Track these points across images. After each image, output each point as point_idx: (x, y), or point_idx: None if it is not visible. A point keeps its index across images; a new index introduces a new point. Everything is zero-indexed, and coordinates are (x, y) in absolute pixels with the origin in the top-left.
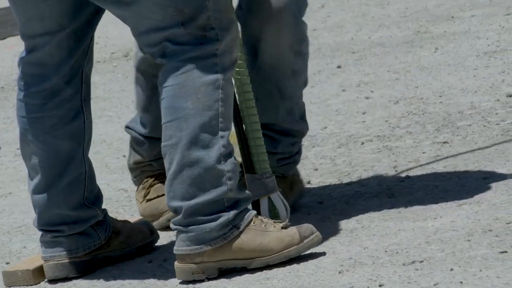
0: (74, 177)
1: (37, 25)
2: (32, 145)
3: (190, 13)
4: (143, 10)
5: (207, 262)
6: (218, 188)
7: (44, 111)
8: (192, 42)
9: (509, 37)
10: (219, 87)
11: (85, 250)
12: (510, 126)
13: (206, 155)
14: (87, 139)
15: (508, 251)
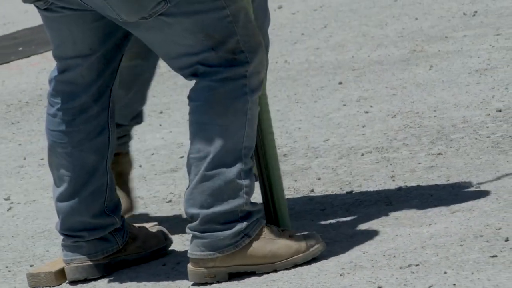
0: (96, 187)
1: (70, 48)
2: (60, 157)
3: (220, 38)
4: (175, 36)
5: (219, 267)
6: (235, 200)
7: (72, 127)
8: (223, 65)
9: (499, 56)
10: (247, 107)
11: (103, 254)
12: (500, 139)
13: (228, 169)
14: (110, 152)
15: (498, 255)
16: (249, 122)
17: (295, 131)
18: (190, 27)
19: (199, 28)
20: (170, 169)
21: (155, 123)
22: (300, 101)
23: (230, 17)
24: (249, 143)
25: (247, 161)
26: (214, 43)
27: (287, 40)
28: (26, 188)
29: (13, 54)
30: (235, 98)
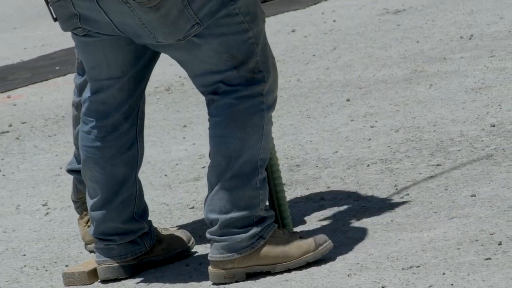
0: (126, 196)
1: (104, 71)
2: (93, 170)
3: (242, 58)
4: (203, 55)
5: (237, 268)
6: (251, 207)
7: (105, 143)
8: (242, 83)
9: (492, 75)
10: (264, 122)
11: (132, 255)
12: (493, 151)
13: (245, 178)
14: (139, 164)
15: (492, 258)
16: (265, 136)
17: (307, 143)
18: (217, 47)
19: (224, 49)
20: (193, 178)
21: (179, 136)
22: (312, 116)
23: (252, 39)
24: (265, 155)
25: (262, 171)
26: (237, 63)
27: (300, 60)
28: (62, 195)
29: (50, 73)
30: (253, 114)
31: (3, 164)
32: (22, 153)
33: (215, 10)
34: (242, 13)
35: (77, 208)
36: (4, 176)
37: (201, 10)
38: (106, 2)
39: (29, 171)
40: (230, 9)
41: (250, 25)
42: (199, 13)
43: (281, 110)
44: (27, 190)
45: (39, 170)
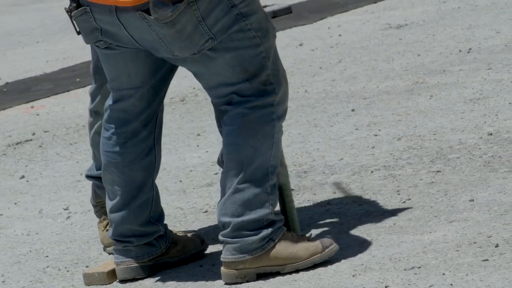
0: (144, 200)
1: (124, 81)
2: (113, 174)
3: (254, 71)
4: (217, 68)
5: (248, 269)
6: (262, 210)
7: (124, 148)
8: (255, 94)
9: (490, 87)
10: (275, 131)
11: (149, 257)
12: (491, 158)
13: (257, 184)
14: (156, 170)
15: (489, 259)
16: (275, 144)
17: (314, 151)
18: (230, 61)
19: (237, 62)
20: (206, 183)
21: (193, 144)
22: (318, 125)
23: (264, 53)
24: (275, 162)
25: (273, 177)
26: (249, 75)
27: (307, 72)
28: (82, 200)
29: (72, 84)
30: (264, 123)
31: (27, 170)
32: (44, 160)
33: (228, 26)
34: (253, 29)
35: (96, 212)
36: (28, 182)
37: (214, 26)
38: (126, 17)
39: (51, 177)
40: (242, 25)
41: (262, 40)
42: (213, 28)
43: (290, 120)
44: (49, 195)
45: (61, 176)
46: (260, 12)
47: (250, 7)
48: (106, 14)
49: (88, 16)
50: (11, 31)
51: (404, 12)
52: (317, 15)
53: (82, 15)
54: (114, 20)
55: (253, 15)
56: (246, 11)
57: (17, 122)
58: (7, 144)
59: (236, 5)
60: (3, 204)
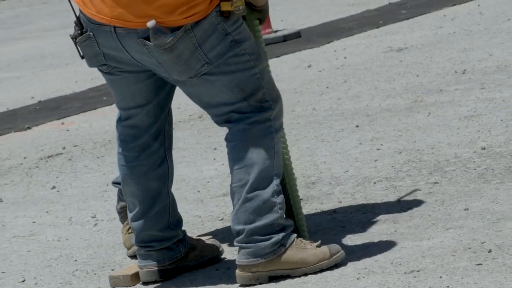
0: (161, 208)
1: (130, 101)
2: (131, 185)
3: (251, 91)
4: (215, 90)
5: (261, 272)
6: (271, 215)
7: (138, 161)
8: (253, 111)
9: (483, 105)
10: (274, 143)
11: (170, 260)
12: (484, 171)
13: (264, 191)
14: (170, 179)
15: (483, 264)
16: (276, 154)
17: (321, 164)
18: (228, 83)
19: (234, 84)
20: (222, 193)
21: (210, 157)
22: (325, 140)
23: (258, 74)
24: (278, 170)
25: (277, 183)
26: (246, 95)
27: (315, 92)
28: (109, 209)
29: (99, 103)
30: (263, 137)
31: (57, 181)
32: (74, 172)
33: (223, 52)
34: (247, 53)
35: (120, 218)
36: (59, 192)
37: (210, 52)
38: (127, 41)
39: (80, 188)
40: (237, 51)
41: (255, 63)
42: (209, 54)
43: (299, 135)
44: (78, 204)
45: (89, 187)
46: (251, 38)
47: (242, 35)
48: (109, 39)
49: (91, 41)
50: (44, 54)
51: (404, 36)
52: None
53: (86, 40)
54: (116, 44)
55: (245, 41)
56: (239, 38)
57: (48, 137)
58: (39, 157)
59: (229, 33)
60: (35, 212)
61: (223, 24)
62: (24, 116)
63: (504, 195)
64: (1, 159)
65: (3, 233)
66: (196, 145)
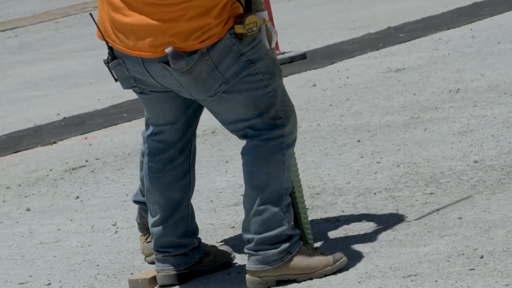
0: (180, 216)
1: (161, 118)
2: (155, 194)
3: (264, 108)
4: (232, 107)
5: (269, 276)
6: (280, 228)
7: (163, 173)
8: (266, 128)
9: (475, 122)
10: (285, 158)
11: (185, 265)
12: (476, 182)
13: (273, 205)
14: (191, 190)
15: (475, 269)
16: (286, 169)
17: (325, 176)
18: (243, 100)
19: (249, 101)
20: (233, 203)
21: (222, 170)
22: (329, 154)
23: (271, 93)
24: (288, 184)
25: (287, 197)
26: (260, 112)
27: (319, 109)
28: (128, 217)
29: (119, 119)
30: (275, 153)
31: (81, 192)
32: (96, 183)
33: (238, 71)
34: (261, 72)
35: (139, 228)
36: (82, 201)
37: (226, 72)
38: (151, 67)
39: (101, 197)
40: (250, 70)
41: (269, 82)
42: (225, 74)
43: (305, 149)
44: (100, 213)
45: (110, 197)
46: (267, 57)
47: (258, 54)
48: (136, 65)
49: (122, 67)
50: (68, 74)
51: (402, 58)
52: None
53: (117, 66)
54: (142, 70)
55: (260, 61)
56: (253, 58)
57: (73, 151)
58: (64, 169)
59: (244, 53)
60: (60, 220)
61: (237, 46)
62: (50, 132)
63: (495, 205)
64: (29, 171)
65: (31, 239)
66: (209, 158)
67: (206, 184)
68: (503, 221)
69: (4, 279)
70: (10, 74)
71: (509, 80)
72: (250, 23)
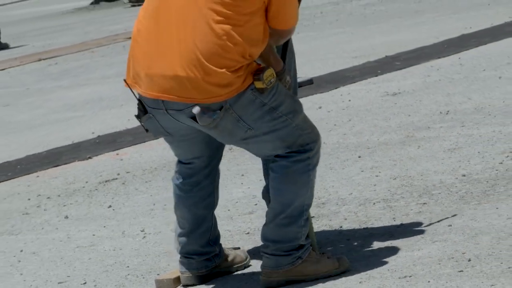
0: (205, 229)
1: (188, 155)
2: (182, 210)
3: (292, 141)
4: (260, 146)
5: (280, 277)
6: (295, 239)
7: (190, 193)
8: (295, 151)
9: (463, 140)
10: (310, 179)
11: (206, 269)
12: (464, 194)
13: (294, 220)
14: (215, 207)
15: (464, 271)
16: (310, 188)
17: (330, 187)
18: (269, 139)
19: (276, 139)
20: (248, 212)
21: (238, 182)
22: (333, 168)
23: (296, 126)
24: (309, 201)
25: (307, 213)
26: (288, 144)
27: (325, 128)
28: (155, 224)
29: (147, 137)
30: (302, 173)
31: (113, 202)
32: (126, 194)
33: (262, 117)
34: (284, 114)
35: None
36: (114, 210)
37: (250, 119)
38: (180, 117)
39: (131, 206)
40: (274, 115)
41: (293, 119)
42: (249, 121)
43: None
44: (130, 220)
45: (139, 206)
46: (287, 98)
47: (279, 100)
48: (165, 119)
49: (153, 120)
50: (102, 97)
51: (398, 83)
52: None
53: (148, 119)
54: (172, 121)
55: (282, 105)
56: (275, 104)
57: (106, 165)
58: (98, 181)
59: (266, 103)
60: (95, 227)
61: (260, 98)
62: (86, 148)
63: (481, 214)
64: (67, 183)
65: (68, 244)
66: (226, 171)
67: (223, 195)
68: (488, 228)
69: (44, 279)
70: (51, 98)
71: (493, 103)
72: (268, 76)
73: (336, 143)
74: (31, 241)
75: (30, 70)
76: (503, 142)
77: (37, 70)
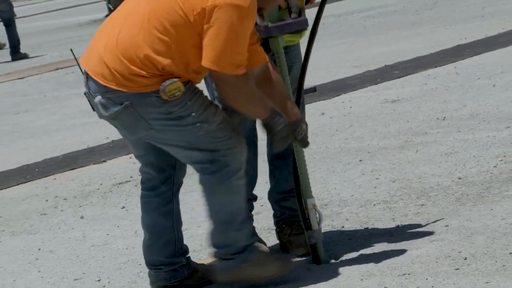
0: (167, 240)
1: (135, 150)
2: (144, 216)
3: (201, 146)
4: (173, 149)
5: (230, 279)
6: (235, 244)
7: (149, 198)
8: (209, 162)
9: (459, 145)
10: (232, 185)
11: (175, 279)
12: (460, 196)
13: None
14: (175, 218)
15: (460, 269)
16: (235, 192)
17: (332, 190)
18: (180, 144)
19: (185, 143)
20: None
21: None
22: (335, 171)
23: (206, 134)
24: (239, 205)
25: (241, 216)
26: (199, 149)
27: (327, 134)
28: None
29: None
30: (222, 182)
31: (126, 203)
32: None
33: (167, 123)
34: (191, 124)
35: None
36: (127, 211)
37: (152, 119)
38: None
39: None
40: (181, 122)
41: (201, 128)
42: (151, 121)
43: (314, 167)
44: None
45: None
46: (200, 110)
47: (190, 110)
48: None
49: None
50: None
51: (397, 91)
52: (335, 93)
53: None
54: None
55: (190, 115)
56: (185, 114)
57: (120, 168)
58: (112, 184)
59: (172, 112)
60: (109, 226)
61: (165, 106)
62: (100, 152)
63: (476, 214)
64: (82, 185)
65: (84, 242)
66: None
67: None
68: (483, 228)
69: (61, 276)
70: (67, 105)
71: (488, 109)
72: (172, 90)
73: (338, 147)
74: (48, 240)
75: (47, 79)
76: (497, 147)
77: (54, 79)
